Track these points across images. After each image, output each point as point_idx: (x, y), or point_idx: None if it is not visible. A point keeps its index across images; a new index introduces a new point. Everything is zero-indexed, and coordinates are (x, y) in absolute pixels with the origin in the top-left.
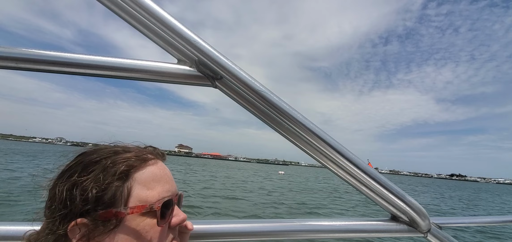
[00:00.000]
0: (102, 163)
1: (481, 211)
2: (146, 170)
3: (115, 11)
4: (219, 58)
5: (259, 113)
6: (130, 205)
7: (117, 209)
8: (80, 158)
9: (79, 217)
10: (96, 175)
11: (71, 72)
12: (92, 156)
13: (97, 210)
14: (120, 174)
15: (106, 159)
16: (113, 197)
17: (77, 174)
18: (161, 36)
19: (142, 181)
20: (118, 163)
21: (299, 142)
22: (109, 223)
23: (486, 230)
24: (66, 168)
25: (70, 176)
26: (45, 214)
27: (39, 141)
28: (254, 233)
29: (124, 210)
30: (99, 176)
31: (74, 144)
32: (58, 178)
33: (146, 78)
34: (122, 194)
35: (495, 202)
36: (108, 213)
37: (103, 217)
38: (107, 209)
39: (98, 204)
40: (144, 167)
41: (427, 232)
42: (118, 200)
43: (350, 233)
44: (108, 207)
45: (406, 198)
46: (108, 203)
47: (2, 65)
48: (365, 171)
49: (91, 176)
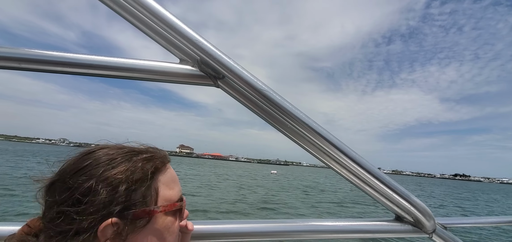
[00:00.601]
0: (126, 163)
1: (487, 211)
2: (167, 172)
3: (116, 11)
4: (221, 57)
5: (261, 113)
6: (160, 204)
7: (150, 207)
8: (94, 155)
9: (112, 216)
10: (125, 174)
11: (74, 72)
12: (111, 154)
13: (131, 209)
14: (148, 174)
15: (128, 158)
16: (144, 197)
17: (101, 172)
18: (163, 36)
19: (165, 181)
20: (144, 163)
21: (302, 141)
22: (140, 222)
23: (492, 230)
24: (84, 165)
25: (94, 174)
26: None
27: (43, 141)
28: (255, 233)
29: (156, 208)
30: (129, 175)
31: (76, 145)
32: (77, 175)
33: (148, 78)
34: (152, 194)
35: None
36: (142, 212)
37: (136, 216)
38: (141, 208)
39: (131, 202)
40: (165, 168)
41: (432, 233)
42: (148, 199)
43: (354, 233)
44: (141, 206)
45: (411, 198)
46: (141, 202)
47: (5, 66)
48: (369, 170)
49: (122, 176)
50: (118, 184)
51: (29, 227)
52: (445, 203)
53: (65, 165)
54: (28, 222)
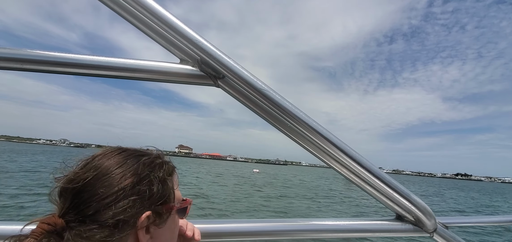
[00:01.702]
0: (156, 162)
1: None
2: (176, 174)
3: (117, 11)
4: (222, 57)
5: (262, 113)
6: (176, 201)
7: (173, 204)
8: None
9: (148, 210)
10: (155, 171)
11: (75, 72)
12: (143, 155)
13: (163, 203)
14: (168, 174)
15: (156, 158)
16: (168, 194)
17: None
18: (163, 36)
19: (176, 182)
20: (166, 164)
21: (303, 141)
22: (164, 216)
23: (494, 229)
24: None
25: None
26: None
27: (43, 142)
28: (257, 232)
29: (176, 204)
30: (159, 173)
31: (76, 146)
32: (122, 173)
33: (149, 78)
34: (171, 192)
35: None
36: (168, 207)
37: (165, 210)
38: (168, 203)
39: (163, 197)
40: (175, 170)
41: (433, 232)
42: (170, 196)
43: (355, 232)
44: (169, 201)
45: (412, 197)
46: (166, 198)
47: (7, 67)
48: (369, 169)
49: (153, 173)
50: (151, 179)
51: (49, 225)
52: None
53: (95, 162)
54: (44, 220)
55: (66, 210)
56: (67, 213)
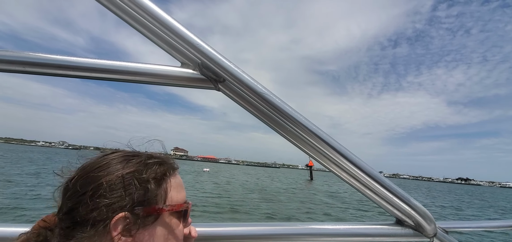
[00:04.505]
0: (144, 163)
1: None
2: (176, 177)
3: (119, 15)
4: (222, 61)
5: (262, 116)
6: (168, 204)
7: (159, 206)
8: (122, 157)
9: (124, 211)
10: (140, 173)
11: (76, 76)
12: (134, 157)
13: (143, 205)
14: (162, 176)
15: (147, 160)
16: (156, 195)
17: (124, 170)
18: (164, 40)
19: (174, 185)
20: (159, 166)
21: (303, 144)
22: (148, 219)
23: (493, 234)
24: (109, 161)
25: (117, 171)
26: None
27: (42, 144)
28: (254, 236)
29: (165, 207)
30: (144, 175)
31: (74, 148)
32: (106, 173)
33: (150, 81)
34: (162, 194)
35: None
36: (152, 209)
37: (147, 212)
38: (151, 205)
39: (144, 199)
40: (175, 173)
41: (433, 237)
42: (159, 198)
43: (354, 237)
44: (152, 203)
45: (411, 202)
46: (152, 200)
47: (10, 69)
48: (369, 174)
49: (136, 174)
50: (132, 181)
51: (44, 221)
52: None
53: (85, 163)
54: (43, 218)
55: (59, 208)
56: (59, 210)
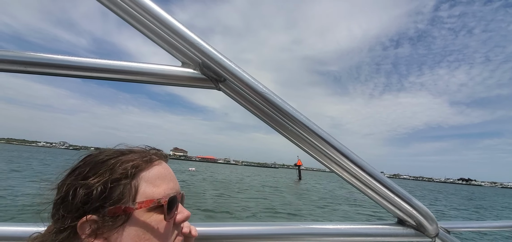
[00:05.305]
0: (109, 162)
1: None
2: (152, 170)
3: (120, 15)
4: (223, 60)
5: (262, 116)
6: (138, 201)
7: (126, 204)
8: (87, 158)
9: (89, 213)
10: (104, 173)
11: (79, 75)
12: (99, 156)
13: (106, 207)
14: (127, 173)
15: (113, 159)
16: (121, 194)
17: (85, 172)
18: (165, 40)
19: (148, 179)
20: (125, 162)
21: (304, 144)
22: (118, 219)
23: (496, 235)
24: (75, 167)
25: (79, 174)
26: (52, 214)
27: (43, 145)
28: (258, 236)
29: (132, 205)
30: (107, 174)
31: (75, 148)
32: (68, 176)
33: (151, 81)
34: (130, 191)
35: None
36: (117, 209)
37: (112, 212)
38: (116, 205)
39: (107, 200)
40: (150, 167)
41: (435, 237)
42: (126, 196)
43: (356, 237)
44: (117, 203)
45: (413, 202)
46: (116, 199)
47: (12, 69)
48: (370, 173)
49: (99, 175)
50: (95, 183)
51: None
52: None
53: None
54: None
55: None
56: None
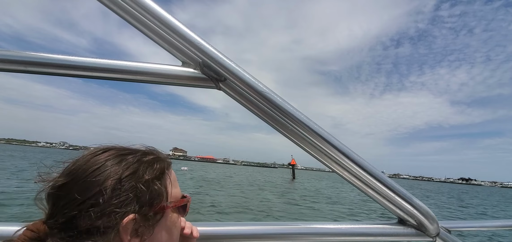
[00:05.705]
0: (142, 161)
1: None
2: (172, 171)
3: (120, 15)
4: (223, 60)
5: (263, 115)
6: (169, 201)
7: (164, 203)
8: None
9: (131, 213)
10: (142, 173)
11: (79, 75)
12: (128, 154)
13: (148, 205)
14: (159, 173)
15: (142, 159)
16: (158, 194)
17: (126, 171)
18: (165, 39)
19: (171, 180)
20: (156, 163)
21: (304, 144)
22: (155, 217)
23: (496, 234)
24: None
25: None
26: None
27: (43, 145)
28: (257, 235)
29: (168, 204)
30: (146, 174)
31: (74, 148)
32: (105, 177)
33: (151, 81)
34: (163, 191)
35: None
36: (159, 208)
37: (153, 211)
38: (156, 204)
39: (148, 200)
40: (170, 168)
41: (436, 236)
42: (162, 196)
43: (357, 236)
44: (157, 202)
45: (414, 201)
46: (156, 199)
47: (12, 69)
48: (371, 173)
49: (138, 174)
50: (135, 181)
51: (32, 231)
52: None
53: (74, 165)
54: (29, 226)
55: (49, 215)
56: (50, 218)
